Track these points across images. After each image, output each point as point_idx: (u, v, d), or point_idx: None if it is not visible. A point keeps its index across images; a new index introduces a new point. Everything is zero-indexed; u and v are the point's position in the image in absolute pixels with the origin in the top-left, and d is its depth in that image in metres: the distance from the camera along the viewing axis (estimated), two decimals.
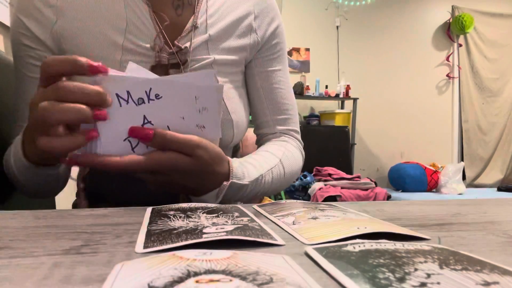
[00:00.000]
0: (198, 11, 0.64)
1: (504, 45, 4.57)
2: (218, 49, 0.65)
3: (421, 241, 0.32)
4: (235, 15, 0.67)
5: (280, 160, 0.65)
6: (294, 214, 0.41)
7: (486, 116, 4.56)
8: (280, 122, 0.73)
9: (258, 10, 0.69)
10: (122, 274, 0.21)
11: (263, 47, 0.71)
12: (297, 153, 0.72)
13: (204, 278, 0.20)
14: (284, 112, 0.73)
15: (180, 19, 0.63)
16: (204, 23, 0.64)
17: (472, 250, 0.29)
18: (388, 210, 0.48)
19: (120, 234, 0.32)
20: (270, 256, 0.26)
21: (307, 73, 4.14)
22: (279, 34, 0.73)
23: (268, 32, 0.70)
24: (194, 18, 0.63)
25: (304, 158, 0.75)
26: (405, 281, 0.20)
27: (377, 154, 4.41)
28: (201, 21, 0.63)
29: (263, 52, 0.71)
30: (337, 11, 4.26)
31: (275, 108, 0.73)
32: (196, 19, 0.63)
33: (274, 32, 0.71)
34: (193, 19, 0.63)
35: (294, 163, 0.69)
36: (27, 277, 0.22)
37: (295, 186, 3.04)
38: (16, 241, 0.30)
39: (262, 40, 0.70)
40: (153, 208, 0.44)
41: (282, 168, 0.64)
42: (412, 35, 4.43)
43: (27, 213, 0.42)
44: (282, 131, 0.73)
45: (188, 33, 0.62)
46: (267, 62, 0.72)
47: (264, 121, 0.73)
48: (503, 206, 0.52)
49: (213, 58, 0.63)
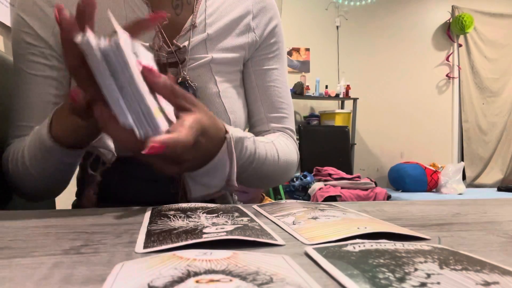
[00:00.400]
0: (197, 10, 0.64)
1: (504, 45, 4.57)
2: (217, 48, 0.65)
3: (421, 241, 0.32)
4: (234, 14, 0.67)
5: (273, 142, 0.63)
6: (294, 214, 0.41)
7: (486, 116, 4.56)
8: (275, 120, 0.71)
9: (256, 10, 0.69)
10: (122, 274, 0.21)
11: (261, 45, 0.70)
12: (291, 145, 0.70)
13: (204, 278, 0.20)
14: (279, 110, 0.71)
15: (179, 18, 0.63)
16: (203, 22, 0.64)
17: (472, 250, 0.29)
18: (388, 210, 0.48)
19: (120, 234, 0.32)
20: (270, 256, 0.26)
21: (307, 73, 4.13)
22: (277, 33, 0.72)
23: (266, 31, 0.70)
24: (193, 17, 0.63)
25: (299, 158, 0.72)
26: (405, 281, 0.20)
27: (377, 154, 4.41)
28: (199, 20, 0.64)
29: (261, 50, 0.71)
30: (337, 11, 4.26)
31: (270, 106, 0.71)
32: (195, 18, 0.63)
33: (273, 31, 0.71)
34: (192, 18, 0.63)
35: (288, 152, 0.67)
36: (27, 277, 0.22)
37: (295, 186, 3.04)
38: (16, 241, 0.30)
39: (260, 39, 0.70)
40: (153, 208, 0.44)
41: (275, 149, 0.63)
42: (412, 35, 4.43)
43: (27, 213, 0.42)
44: (277, 129, 0.71)
45: (186, 32, 0.62)
46: (264, 61, 0.71)
47: (259, 119, 0.72)
48: (503, 206, 0.52)
49: (211, 57, 0.63)
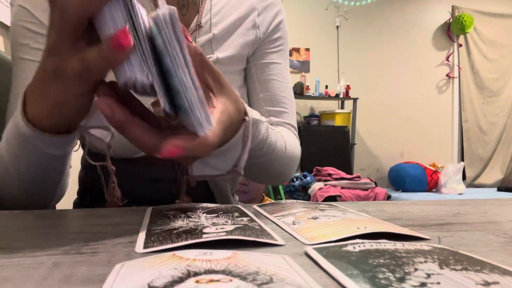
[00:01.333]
0: (202, 10, 0.63)
1: (504, 45, 4.57)
2: (222, 47, 0.64)
3: (421, 241, 0.32)
4: (239, 12, 0.66)
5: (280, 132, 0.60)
6: (294, 214, 0.41)
7: (486, 116, 4.56)
8: (275, 113, 0.69)
9: (262, 6, 0.69)
10: (122, 274, 0.21)
11: (264, 41, 0.69)
12: (295, 140, 0.67)
13: (204, 278, 0.20)
14: (280, 104, 0.69)
15: (184, 18, 0.63)
16: (208, 22, 0.63)
17: (472, 250, 0.29)
18: (388, 210, 0.48)
19: (120, 234, 0.32)
20: (270, 256, 0.26)
21: (307, 73, 4.13)
22: (281, 29, 0.71)
23: (270, 27, 0.69)
24: (198, 17, 0.63)
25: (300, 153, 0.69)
26: (405, 281, 0.20)
27: (377, 154, 4.41)
28: (205, 20, 0.63)
29: (263, 45, 0.69)
30: (337, 11, 4.26)
31: (271, 99, 0.68)
32: (200, 18, 0.63)
33: (277, 26, 0.70)
34: (197, 18, 0.62)
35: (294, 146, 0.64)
36: (27, 277, 0.22)
37: (295, 186, 3.04)
38: (16, 241, 0.30)
39: (264, 35, 0.69)
40: (153, 208, 0.44)
41: (284, 140, 0.59)
42: (412, 35, 4.43)
43: (27, 213, 0.42)
44: (277, 123, 0.68)
45: (192, 32, 0.62)
46: (266, 54, 0.69)
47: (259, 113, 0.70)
48: (503, 206, 0.52)
49: (215, 57, 0.63)
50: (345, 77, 4.14)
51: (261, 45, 0.69)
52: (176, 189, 0.63)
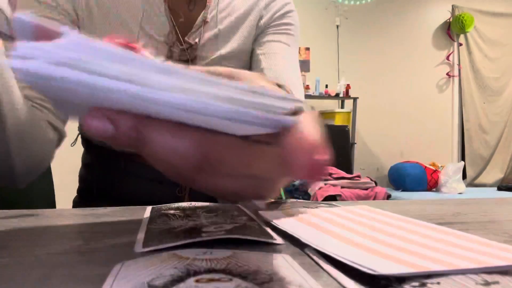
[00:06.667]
0: (209, 5, 0.63)
1: (505, 44, 4.56)
2: (227, 43, 0.63)
3: None
4: (245, 7, 0.65)
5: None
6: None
7: (487, 115, 4.56)
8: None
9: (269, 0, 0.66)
10: (122, 273, 0.21)
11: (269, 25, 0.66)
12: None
13: (204, 277, 0.20)
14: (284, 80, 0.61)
15: (191, 14, 0.62)
16: (215, 18, 0.63)
17: None
18: (388, 209, 0.48)
19: (120, 234, 0.32)
20: (270, 255, 0.26)
21: (307, 73, 4.13)
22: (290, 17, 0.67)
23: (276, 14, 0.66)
24: (204, 13, 0.62)
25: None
26: (405, 281, 0.20)
27: (377, 153, 4.41)
28: (211, 15, 0.63)
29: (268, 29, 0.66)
30: (337, 10, 4.25)
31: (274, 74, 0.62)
32: (206, 13, 0.62)
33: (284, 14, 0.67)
34: (204, 14, 0.62)
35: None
36: (27, 277, 0.22)
37: (295, 185, 3.04)
38: (16, 241, 0.30)
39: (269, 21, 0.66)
40: (152, 207, 0.44)
41: None
42: (412, 34, 4.42)
43: (27, 213, 0.42)
44: None
45: (198, 28, 0.61)
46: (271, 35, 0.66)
47: None
48: (503, 206, 0.52)
49: (219, 54, 0.62)
50: (345, 76, 4.14)
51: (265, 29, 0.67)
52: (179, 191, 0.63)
